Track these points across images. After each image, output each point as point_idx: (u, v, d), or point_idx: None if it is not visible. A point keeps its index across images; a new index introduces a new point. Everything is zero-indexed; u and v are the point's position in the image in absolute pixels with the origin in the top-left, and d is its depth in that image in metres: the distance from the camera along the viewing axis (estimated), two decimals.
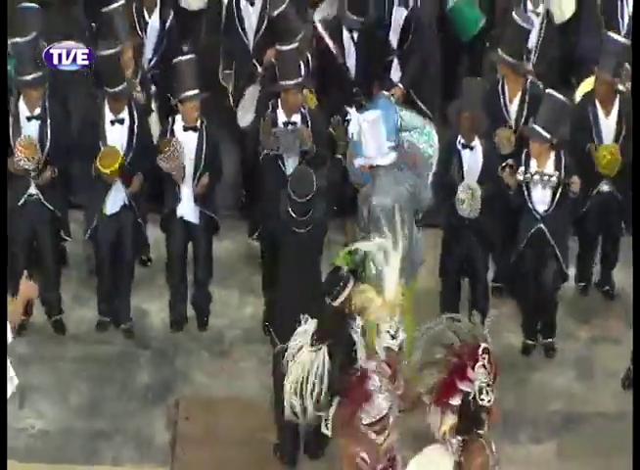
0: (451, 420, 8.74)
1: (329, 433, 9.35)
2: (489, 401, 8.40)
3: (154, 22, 12.13)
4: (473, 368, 8.41)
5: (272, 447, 10.16)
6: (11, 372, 8.66)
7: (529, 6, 11.90)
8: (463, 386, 8.47)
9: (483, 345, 8.42)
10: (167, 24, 12.09)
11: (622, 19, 12.03)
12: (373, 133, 10.53)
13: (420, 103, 12.09)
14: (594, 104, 11.24)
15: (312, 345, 9.20)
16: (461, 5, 12.39)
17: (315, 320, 9.46)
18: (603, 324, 11.64)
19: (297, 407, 9.26)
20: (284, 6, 11.56)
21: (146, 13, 12.15)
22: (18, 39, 11.37)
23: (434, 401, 8.65)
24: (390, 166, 10.51)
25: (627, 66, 11.37)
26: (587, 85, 11.19)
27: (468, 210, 10.73)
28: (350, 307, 9.32)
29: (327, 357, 9.11)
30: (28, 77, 11.21)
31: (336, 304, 9.19)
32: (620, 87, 11.52)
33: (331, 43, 12.06)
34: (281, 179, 10.94)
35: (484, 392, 8.39)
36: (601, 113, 11.26)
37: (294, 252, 10.70)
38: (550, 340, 11.20)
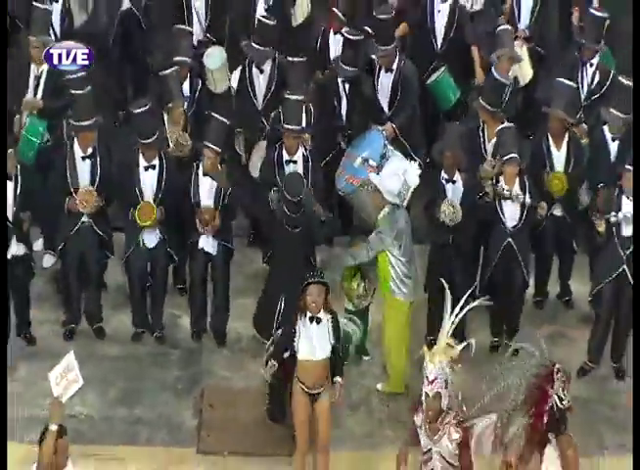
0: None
1: None
2: (568, 402, 8.58)
3: (185, 88, 11.86)
4: (552, 388, 8.57)
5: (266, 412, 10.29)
6: (77, 372, 8.71)
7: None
8: (547, 406, 8.61)
9: (557, 366, 8.61)
10: (197, 93, 11.90)
11: (584, 75, 12.01)
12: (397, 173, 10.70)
13: (404, 142, 11.96)
14: (547, 138, 11.31)
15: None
16: (440, 80, 12.28)
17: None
18: (561, 327, 11.62)
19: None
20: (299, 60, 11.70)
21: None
22: (78, 91, 11.25)
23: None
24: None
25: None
26: None
27: (447, 218, 10.77)
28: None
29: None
30: (84, 123, 11.11)
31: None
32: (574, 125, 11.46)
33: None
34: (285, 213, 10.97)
35: (562, 398, 8.56)
36: (553, 146, 11.32)
37: (287, 250, 10.84)
38: (506, 341, 10.98)
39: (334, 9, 12.28)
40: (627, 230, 10.69)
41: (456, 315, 8.95)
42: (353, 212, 11.65)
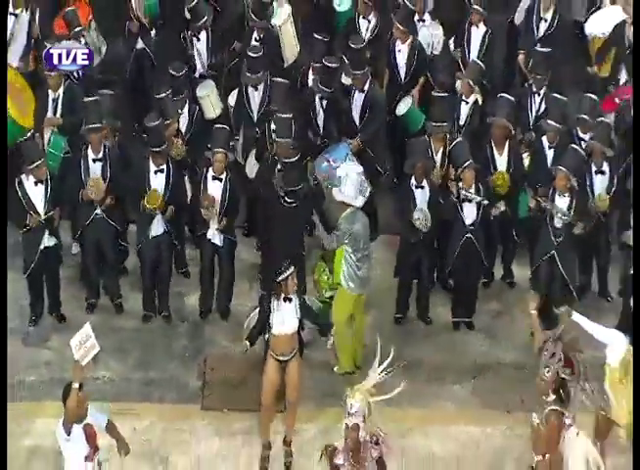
0: None
1: None
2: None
3: (185, 110, 11.72)
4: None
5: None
6: (94, 340, 8.86)
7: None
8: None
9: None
10: (195, 114, 11.76)
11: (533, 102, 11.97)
12: (354, 181, 10.74)
13: (370, 152, 11.92)
14: (491, 145, 11.36)
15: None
16: (410, 112, 12.16)
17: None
18: (504, 305, 11.66)
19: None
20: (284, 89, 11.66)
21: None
22: (89, 99, 11.25)
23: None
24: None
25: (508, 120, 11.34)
26: None
27: (422, 225, 10.92)
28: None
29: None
30: (92, 126, 11.02)
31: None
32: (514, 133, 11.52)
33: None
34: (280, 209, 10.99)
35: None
36: (496, 151, 11.38)
37: (283, 223, 10.88)
38: (470, 319, 11.36)
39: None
40: (558, 222, 10.86)
41: (380, 372, 8.77)
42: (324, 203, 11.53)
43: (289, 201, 10.88)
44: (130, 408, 10.48)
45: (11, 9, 12.26)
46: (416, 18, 12.62)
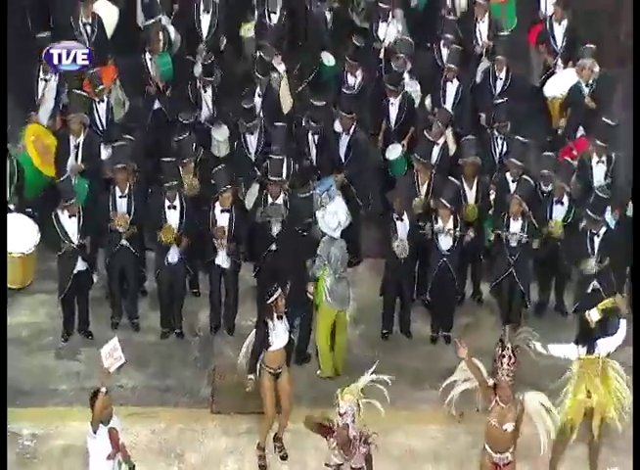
0: None
1: None
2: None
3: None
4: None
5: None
6: (121, 353, 8.92)
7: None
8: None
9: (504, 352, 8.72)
10: (200, 155, 11.77)
11: (496, 145, 12.09)
12: (333, 216, 10.80)
13: (353, 188, 12.02)
14: (462, 181, 11.44)
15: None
16: (395, 161, 12.23)
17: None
18: (474, 318, 11.70)
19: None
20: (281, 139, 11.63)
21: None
22: (118, 143, 11.31)
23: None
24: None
25: (477, 159, 11.58)
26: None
27: (401, 253, 11.03)
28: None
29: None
30: (119, 166, 11.03)
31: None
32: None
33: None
34: (269, 236, 11.16)
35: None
36: (466, 186, 11.50)
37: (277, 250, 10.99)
38: (448, 333, 11.39)
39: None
40: (513, 243, 11.00)
41: (369, 378, 8.88)
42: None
43: (277, 230, 11.01)
44: (150, 412, 10.54)
45: (42, 75, 12.26)
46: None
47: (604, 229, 10.92)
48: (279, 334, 9.86)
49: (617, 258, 10.96)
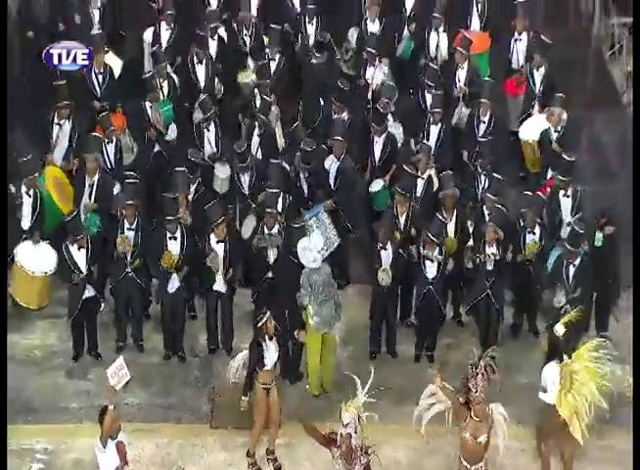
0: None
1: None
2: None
3: (193, 186, 11.87)
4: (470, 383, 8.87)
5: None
6: (126, 370, 8.95)
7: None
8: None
9: (476, 370, 8.86)
10: (200, 190, 11.93)
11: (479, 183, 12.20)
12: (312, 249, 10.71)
13: (342, 212, 12.16)
14: (442, 212, 11.55)
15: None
16: (378, 194, 12.34)
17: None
18: (454, 339, 11.76)
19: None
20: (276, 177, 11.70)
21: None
22: (129, 181, 11.42)
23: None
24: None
25: (456, 190, 11.74)
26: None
27: (384, 282, 11.14)
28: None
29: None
30: (130, 202, 11.17)
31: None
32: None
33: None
34: (265, 261, 11.25)
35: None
36: (447, 218, 11.58)
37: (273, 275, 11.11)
38: (432, 352, 11.49)
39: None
40: (489, 266, 11.13)
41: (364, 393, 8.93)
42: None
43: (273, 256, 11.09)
44: (153, 428, 10.57)
45: (56, 120, 12.42)
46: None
47: (579, 259, 11.04)
48: (271, 354, 9.98)
49: (586, 285, 11.14)
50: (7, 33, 12.44)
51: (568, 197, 11.86)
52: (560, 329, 9.72)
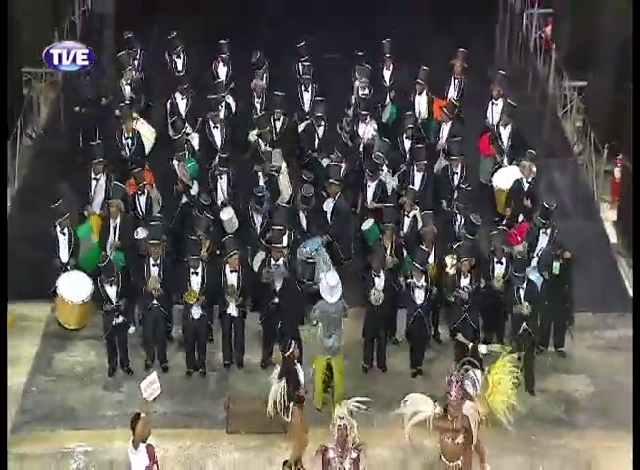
0: None
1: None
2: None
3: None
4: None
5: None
6: (158, 384, 9.02)
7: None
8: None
9: (452, 378, 8.81)
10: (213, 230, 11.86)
11: (460, 224, 12.10)
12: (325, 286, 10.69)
13: (337, 244, 12.29)
14: (423, 244, 11.55)
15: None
16: (368, 230, 12.29)
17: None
18: (435, 353, 11.72)
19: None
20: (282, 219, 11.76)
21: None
22: (154, 223, 11.50)
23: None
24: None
25: (434, 228, 11.71)
26: None
27: (376, 300, 11.10)
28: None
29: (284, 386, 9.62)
30: (153, 241, 11.17)
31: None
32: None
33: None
34: (273, 291, 11.22)
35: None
36: (428, 248, 11.57)
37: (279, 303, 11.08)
38: (419, 367, 11.46)
39: None
40: (464, 296, 11.09)
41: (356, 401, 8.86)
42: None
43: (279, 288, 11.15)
44: (177, 433, 10.57)
45: (93, 175, 12.54)
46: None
47: (525, 282, 11.14)
48: (301, 375, 9.98)
49: (541, 305, 11.22)
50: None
51: (546, 234, 11.97)
52: (483, 350, 10.00)
